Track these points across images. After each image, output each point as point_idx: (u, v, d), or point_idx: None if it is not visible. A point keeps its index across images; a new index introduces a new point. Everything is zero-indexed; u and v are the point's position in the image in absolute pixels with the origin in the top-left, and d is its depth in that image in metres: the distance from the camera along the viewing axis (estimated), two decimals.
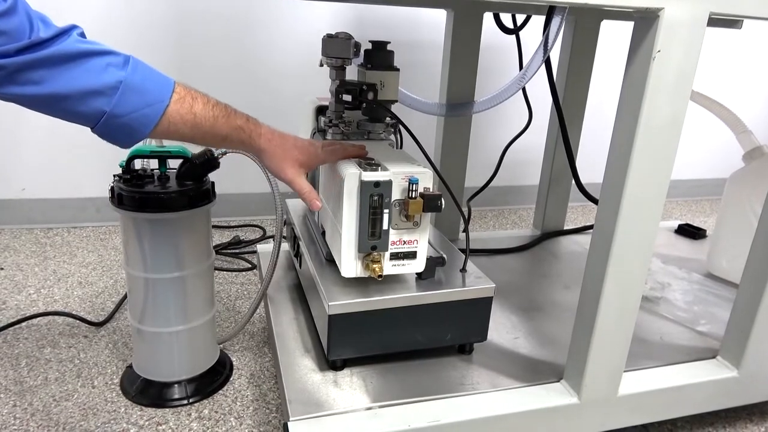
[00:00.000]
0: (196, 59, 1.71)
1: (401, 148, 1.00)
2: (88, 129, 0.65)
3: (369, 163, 0.79)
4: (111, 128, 0.64)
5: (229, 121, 0.73)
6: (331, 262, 0.90)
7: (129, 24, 1.62)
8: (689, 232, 1.53)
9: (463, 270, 0.91)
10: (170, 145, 0.94)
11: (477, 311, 0.88)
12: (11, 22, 0.57)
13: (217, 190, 0.97)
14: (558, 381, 0.86)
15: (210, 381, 1.03)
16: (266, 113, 1.87)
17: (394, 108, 0.96)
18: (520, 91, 1.12)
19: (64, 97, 0.60)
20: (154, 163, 0.94)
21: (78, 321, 1.22)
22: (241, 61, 1.74)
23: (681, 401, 0.91)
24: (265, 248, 1.27)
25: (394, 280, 0.85)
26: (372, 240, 0.78)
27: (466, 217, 0.94)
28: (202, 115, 0.70)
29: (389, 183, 0.76)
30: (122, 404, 0.98)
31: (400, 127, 0.97)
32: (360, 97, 0.90)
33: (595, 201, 1.31)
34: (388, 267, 0.81)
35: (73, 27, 0.63)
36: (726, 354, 0.94)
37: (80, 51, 0.61)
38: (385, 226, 0.78)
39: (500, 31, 1.23)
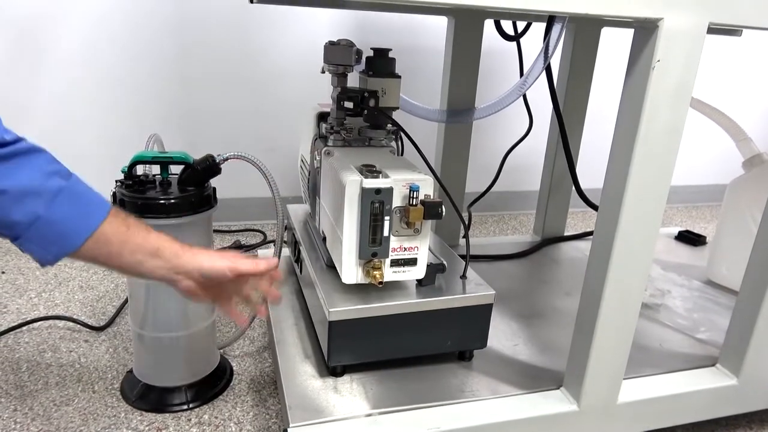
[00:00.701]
0: (198, 60, 1.71)
1: (402, 154, 1.01)
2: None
3: (370, 170, 0.80)
4: (40, 236, 0.63)
5: (161, 236, 0.71)
6: (331, 268, 0.90)
7: (132, 26, 1.63)
8: (689, 238, 1.53)
9: (464, 277, 0.91)
10: (172, 150, 0.95)
11: (477, 318, 0.88)
12: None
13: (218, 194, 0.97)
14: (558, 388, 0.86)
15: (210, 386, 1.03)
16: (268, 116, 1.88)
17: (396, 115, 0.96)
18: (521, 97, 1.13)
19: (2, 192, 0.60)
20: (156, 169, 0.94)
21: (79, 325, 1.22)
22: (243, 65, 1.75)
23: (680, 409, 0.91)
24: (265, 253, 1.27)
25: (394, 287, 0.86)
26: (373, 247, 0.79)
27: (467, 223, 0.94)
28: (132, 234, 0.68)
29: (390, 190, 0.76)
30: (122, 409, 0.98)
31: (401, 133, 0.98)
32: (361, 104, 0.91)
33: (595, 207, 1.31)
34: (389, 274, 0.81)
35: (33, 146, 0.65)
36: (725, 362, 0.94)
37: (35, 152, 0.63)
38: (385, 233, 0.78)
39: (501, 37, 1.24)
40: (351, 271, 0.81)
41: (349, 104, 0.93)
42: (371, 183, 0.76)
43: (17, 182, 0.61)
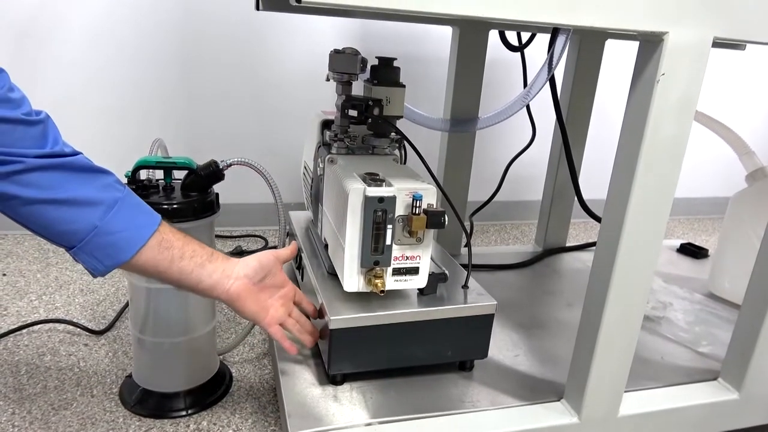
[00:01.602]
0: (203, 66, 1.72)
1: (405, 163, 1.01)
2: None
3: (373, 179, 0.80)
4: (96, 246, 0.65)
5: (204, 245, 0.76)
6: (333, 275, 0.90)
7: (136, 31, 1.63)
8: (691, 251, 1.53)
9: (465, 286, 0.91)
10: (176, 156, 0.95)
11: (478, 328, 0.88)
12: (35, 131, 0.62)
13: (220, 199, 0.97)
14: (558, 400, 0.86)
15: (209, 392, 1.03)
16: (272, 123, 1.89)
17: (399, 123, 0.96)
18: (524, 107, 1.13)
19: (64, 201, 0.63)
20: (159, 174, 0.95)
21: (79, 329, 1.22)
22: (248, 71, 1.75)
23: (681, 423, 0.90)
24: None
25: (395, 296, 0.85)
26: (375, 255, 0.78)
27: (469, 232, 0.94)
28: (190, 240, 0.74)
29: (393, 199, 0.76)
30: (121, 414, 0.98)
31: (405, 142, 0.98)
32: (366, 112, 0.91)
33: (597, 218, 1.31)
34: (391, 282, 0.81)
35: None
36: (727, 376, 0.93)
37: (94, 167, 0.66)
38: (388, 242, 0.78)
39: (505, 48, 1.25)
40: (353, 279, 0.81)
41: (353, 112, 0.93)
42: (374, 191, 0.76)
43: (77, 193, 0.63)
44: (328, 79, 0.96)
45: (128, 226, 0.67)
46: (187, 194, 0.92)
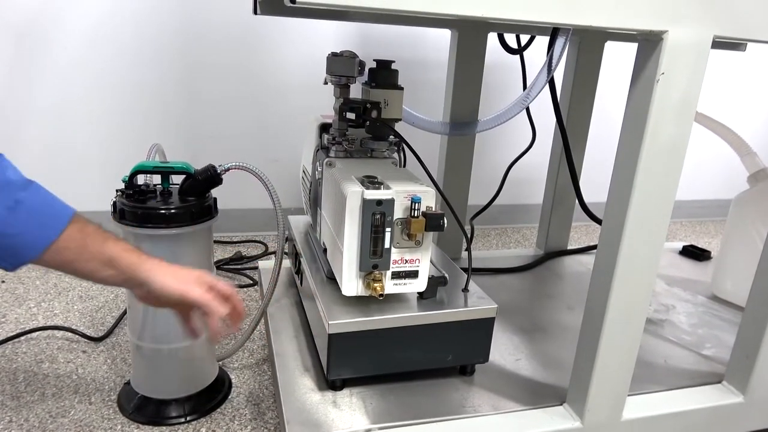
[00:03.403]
0: (201, 71, 1.72)
1: (404, 166, 1.00)
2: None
3: (372, 182, 0.79)
4: None
5: (119, 245, 0.70)
6: (332, 279, 0.89)
7: (135, 36, 1.63)
8: (694, 253, 1.52)
9: (465, 290, 0.90)
10: (174, 160, 0.95)
11: (479, 332, 0.87)
12: None
13: (219, 205, 0.97)
14: (560, 404, 0.85)
15: (208, 399, 1.02)
16: (270, 127, 1.88)
17: (398, 126, 0.96)
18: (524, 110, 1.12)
19: None
20: (157, 179, 0.94)
21: (77, 336, 1.21)
22: (246, 75, 1.75)
23: (685, 427, 0.89)
24: (266, 264, 1.27)
25: (395, 300, 0.85)
26: (373, 259, 0.78)
27: (469, 236, 0.93)
28: (89, 243, 0.68)
29: (391, 201, 0.76)
30: (119, 422, 0.97)
31: (404, 145, 0.97)
32: (364, 115, 0.90)
33: (598, 221, 1.31)
34: (390, 286, 0.81)
35: None
36: (731, 379, 0.92)
37: None
38: (386, 245, 0.77)
39: (504, 51, 1.24)
40: (351, 283, 0.80)
41: (351, 115, 0.93)
42: (372, 194, 0.75)
43: None
44: (326, 83, 0.96)
45: (31, 227, 0.63)
46: (185, 199, 0.91)
